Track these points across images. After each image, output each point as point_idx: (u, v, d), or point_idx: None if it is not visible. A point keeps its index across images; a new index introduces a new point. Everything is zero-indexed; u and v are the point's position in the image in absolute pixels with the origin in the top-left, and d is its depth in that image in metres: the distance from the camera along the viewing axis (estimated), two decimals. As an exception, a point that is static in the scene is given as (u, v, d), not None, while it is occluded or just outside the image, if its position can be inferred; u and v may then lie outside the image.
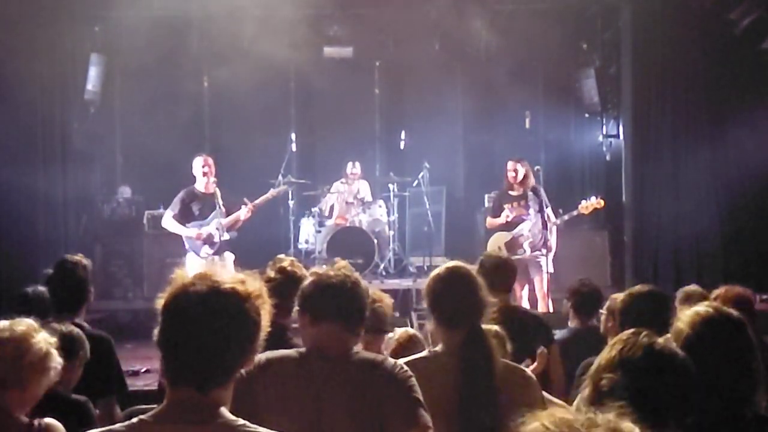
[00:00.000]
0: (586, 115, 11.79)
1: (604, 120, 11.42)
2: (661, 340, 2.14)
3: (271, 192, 9.05)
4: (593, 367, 2.12)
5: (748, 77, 9.54)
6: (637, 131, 10.18)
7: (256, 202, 8.65)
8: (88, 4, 10.04)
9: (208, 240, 8.45)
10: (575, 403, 2.27)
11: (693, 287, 4.81)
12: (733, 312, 2.47)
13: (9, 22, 9.21)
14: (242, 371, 2.48)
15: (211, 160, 8.59)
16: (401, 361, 3.16)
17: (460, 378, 2.95)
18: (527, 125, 12.23)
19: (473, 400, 2.92)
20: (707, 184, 9.82)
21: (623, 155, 10.45)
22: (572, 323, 5.33)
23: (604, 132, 11.44)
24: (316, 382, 2.55)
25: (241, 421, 1.97)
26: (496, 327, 3.51)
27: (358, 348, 2.79)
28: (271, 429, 1.99)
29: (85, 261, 4.66)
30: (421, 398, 2.60)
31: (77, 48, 10.34)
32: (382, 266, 10.51)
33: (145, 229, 10.35)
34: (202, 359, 1.93)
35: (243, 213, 8.52)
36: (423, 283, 3.38)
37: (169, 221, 8.55)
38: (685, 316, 2.46)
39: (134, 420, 1.98)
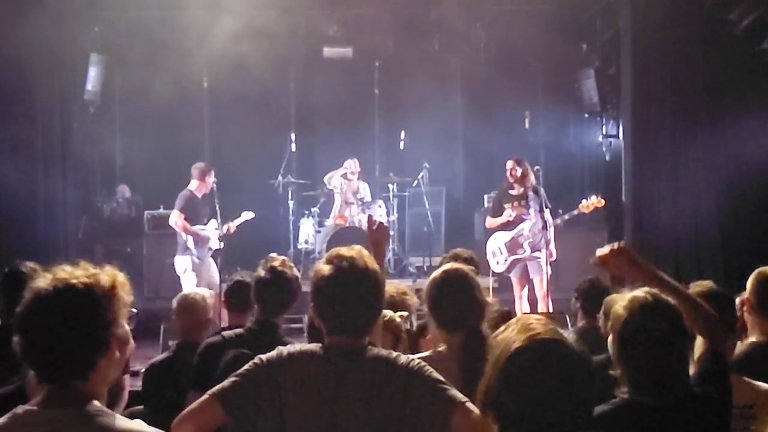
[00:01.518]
0: (586, 116, 11.81)
1: (604, 120, 11.43)
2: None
3: (245, 214, 9.22)
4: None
5: (748, 77, 9.54)
6: (636, 131, 10.17)
7: (235, 222, 9.00)
8: (87, 4, 10.04)
9: (206, 242, 8.73)
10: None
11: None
12: (669, 300, 2.54)
13: (8, 23, 9.21)
14: (263, 359, 2.53)
15: (206, 174, 8.86)
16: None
17: (460, 380, 2.95)
18: (527, 125, 12.25)
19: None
20: (707, 184, 9.81)
21: (623, 155, 10.44)
22: (580, 323, 5.34)
23: (604, 132, 11.45)
24: (334, 378, 2.51)
25: (105, 410, 2.06)
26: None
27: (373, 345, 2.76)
28: (292, 421, 2.04)
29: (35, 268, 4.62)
30: (445, 381, 2.56)
31: (77, 48, 10.34)
32: (381, 266, 10.51)
33: (145, 230, 10.36)
34: (50, 356, 2.02)
35: (232, 227, 8.91)
36: (423, 283, 3.39)
37: (178, 221, 8.74)
38: (623, 301, 2.52)
39: (15, 409, 2.06)
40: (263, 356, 2.56)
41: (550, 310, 7.98)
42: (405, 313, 3.90)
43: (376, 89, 12.59)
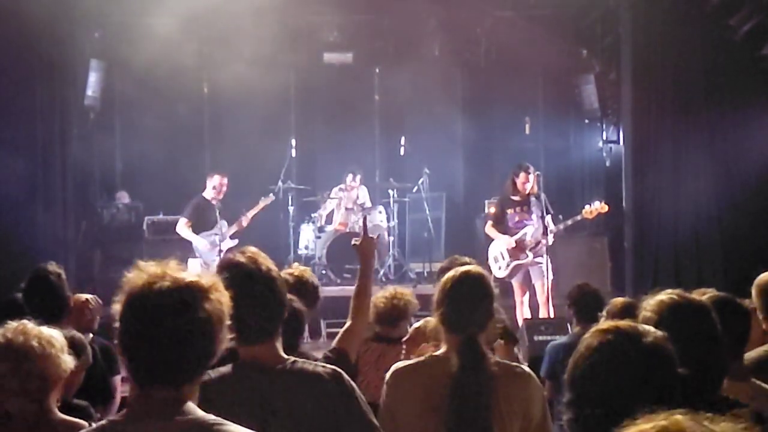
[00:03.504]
0: (586, 121, 11.80)
1: (604, 126, 11.42)
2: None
3: (262, 201, 9.91)
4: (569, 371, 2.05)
5: (748, 83, 9.54)
6: (637, 137, 10.17)
7: (252, 212, 9.78)
8: (88, 10, 10.04)
9: (215, 247, 9.32)
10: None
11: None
12: (696, 297, 2.53)
13: (8, 28, 9.22)
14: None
15: (225, 180, 9.68)
16: (401, 364, 3.17)
17: (451, 382, 2.95)
18: (527, 131, 12.24)
19: (464, 405, 2.92)
20: (707, 190, 9.80)
21: (623, 161, 10.43)
22: (575, 329, 5.33)
23: (604, 138, 11.44)
24: (258, 396, 2.46)
25: (212, 418, 1.96)
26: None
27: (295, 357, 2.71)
28: None
29: (59, 269, 4.60)
30: (365, 405, 2.55)
31: (77, 54, 10.35)
32: (381, 272, 10.49)
33: (145, 235, 10.35)
34: (169, 355, 1.91)
35: (244, 222, 9.68)
36: (423, 289, 3.38)
37: (182, 228, 9.52)
38: (650, 305, 2.51)
39: (103, 421, 1.98)
40: None
41: (552, 316, 7.97)
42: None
43: (376, 95, 12.59)
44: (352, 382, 2.58)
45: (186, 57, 10.54)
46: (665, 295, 2.51)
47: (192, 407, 1.96)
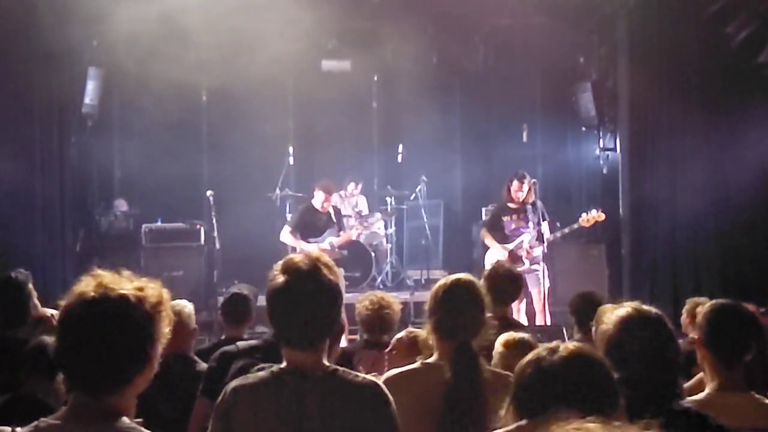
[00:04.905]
0: (583, 129, 11.81)
1: (601, 133, 11.44)
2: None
3: (377, 217, 10.34)
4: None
5: (745, 90, 9.56)
6: (634, 144, 10.19)
7: (365, 225, 10.14)
8: (85, 17, 10.05)
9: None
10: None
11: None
12: (651, 309, 2.65)
13: (7, 36, 9.23)
14: (219, 401, 2.48)
15: (331, 196, 9.58)
16: (393, 372, 3.17)
17: (445, 389, 2.95)
18: (525, 139, 12.26)
19: (458, 412, 2.93)
20: (704, 197, 9.81)
21: (620, 169, 10.45)
22: (576, 336, 5.34)
23: (601, 145, 11.45)
24: (293, 403, 2.47)
25: (137, 427, 2.00)
26: (522, 334, 3.57)
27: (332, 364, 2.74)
28: None
29: (23, 276, 4.59)
30: (397, 422, 2.56)
31: (75, 61, 10.36)
32: (379, 279, 10.50)
33: (143, 243, 10.34)
34: (90, 365, 1.96)
35: (353, 234, 9.76)
36: (421, 296, 3.39)
37: (286, 236, 9.45)
38: (608, 318, 2.64)
39: (37, 422, 2.01)
40: (217, 401, 2.53)
41: (548, 323, 7.98)
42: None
43: (374, 102, 12.62)
44: (390, 396, 2.57)
45: (184, 65, 10.55)
46: (623, 308, 2.63)
47: (116, 417, 1.98)
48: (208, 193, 10.11)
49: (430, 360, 3.15)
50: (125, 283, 2.03)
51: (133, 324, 1.98)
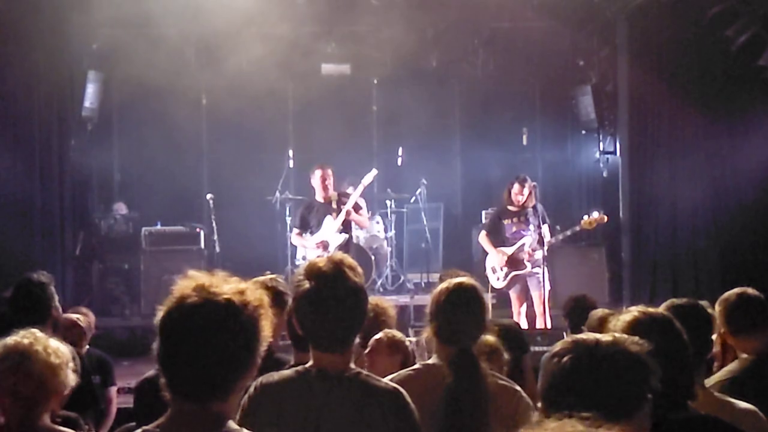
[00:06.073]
0: (583, 132, 11.82)
1: (601, 136, 11.45)
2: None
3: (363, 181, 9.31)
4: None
5: (745, 93, 9.57)
6: (633, 147, 10.19)
7: (354, 194, 9.20)
8: (85, 21, 10.06)
9: (325, 246, 8.86)
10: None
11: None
12: (658, 311, 2.59)
13: (7, 40, 9.23)
14: (245, 397, 2.45)
15: (329, 171, 9.14)
16: (393, 375, 3.16)
17: (445, 393, 2.94)
18: (524, 142, 12.27)
19: (459, 416, 2.92)
20: (704, 200, 9.82)
21: (620, 172, 10.46)
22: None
23: (601, 148, 11.47)
24: (317, 402, 2.50)
25: (242, 430, 1.95)
26: (492, 338, 3.52)
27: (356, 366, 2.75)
28: None
29: (45, 279, 4.58)
30: (419, 429, 2.57)
31: (75, 65, 10.36)
32: (379, 282, 10.49)
33: (142, 246, 10.32)
34: (197, 372, 1.89)
35: (345, 212, 8.98)
36: (421, 299, 3.38)
37: (295, 238, 9.20)
38: (614, 325, 2.56)
39: (138, 431, 1.96)
40: (244, 397, 2.51)
41: (549, 327, 7.96)
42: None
43: (374, 106, 12.61)
44: (412, 404, 2.58)
45: (184, 68, 10.57)
46: (628, 313, 2.56)
47: (224, 423, 1.93)
48: (208, 196, 10.12)
49: (430, 362, 3.14)
50: (225, 285, 1.97)
51: (240, 329, 1.92)
